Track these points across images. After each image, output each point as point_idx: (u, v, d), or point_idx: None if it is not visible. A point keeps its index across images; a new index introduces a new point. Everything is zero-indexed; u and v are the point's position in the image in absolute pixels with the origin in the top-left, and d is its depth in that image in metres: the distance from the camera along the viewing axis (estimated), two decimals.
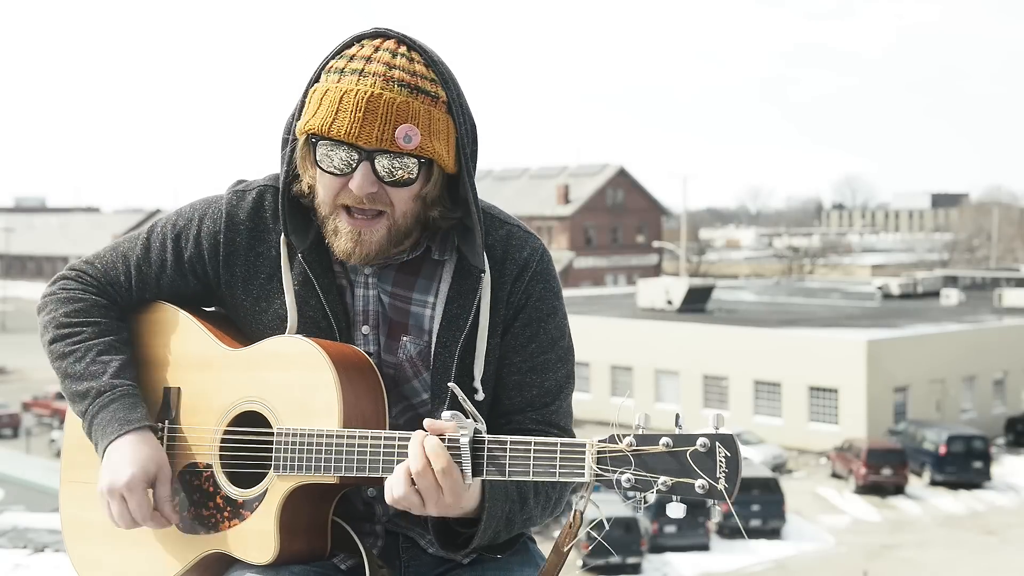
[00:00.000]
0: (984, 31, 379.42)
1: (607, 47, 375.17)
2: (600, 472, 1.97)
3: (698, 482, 1.93)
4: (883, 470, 38.14)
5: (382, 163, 2.16)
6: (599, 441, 1.99)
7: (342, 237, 2.23)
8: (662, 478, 1.94)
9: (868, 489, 38.19)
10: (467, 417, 2.07)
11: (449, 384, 2.13)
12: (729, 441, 1.94)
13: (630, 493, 1.96)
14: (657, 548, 31.83)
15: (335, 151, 2.17)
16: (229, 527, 2.27)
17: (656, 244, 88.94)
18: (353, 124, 2.14)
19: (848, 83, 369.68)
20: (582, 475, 1.99)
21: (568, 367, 2.39)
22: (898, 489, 38.49)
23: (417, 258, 2.34)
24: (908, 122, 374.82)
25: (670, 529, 32.04)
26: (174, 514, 2.28)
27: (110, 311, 2.42)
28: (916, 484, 39.38)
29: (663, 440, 1.95)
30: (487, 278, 2.29)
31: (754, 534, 33.31)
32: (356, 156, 2.16)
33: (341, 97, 2.16)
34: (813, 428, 44.48)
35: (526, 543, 2.43)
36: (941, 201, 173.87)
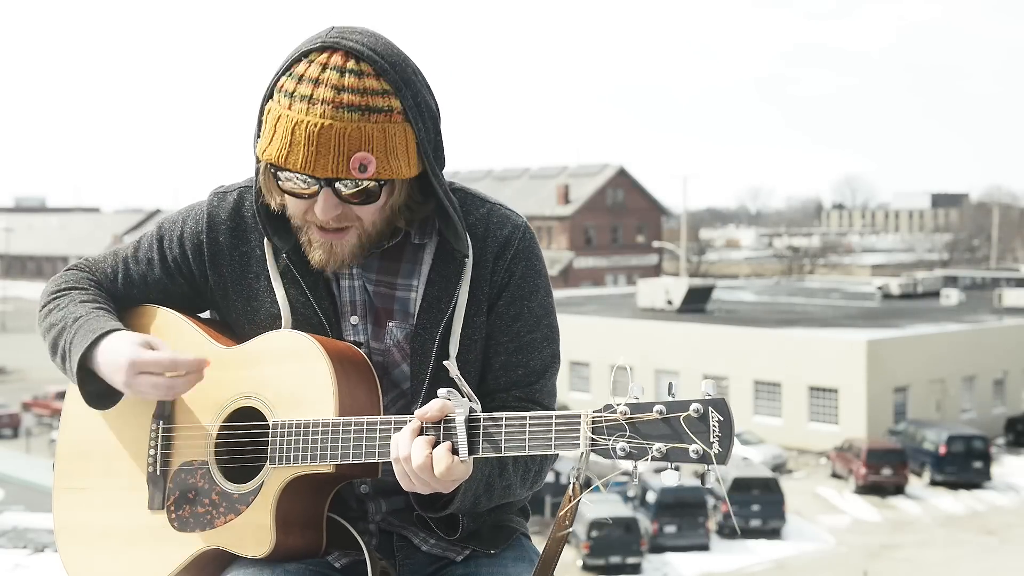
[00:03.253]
0: (984, 31, 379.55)
1: (607, 47, 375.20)
2: (595, 441, 1.98)
3: (692, 447, 1.94)
4: (883, 470, 38.13)
5: (342, 187, 2.17)
6: (593, 412, 2.00)
7: (315, 248, 2.26)
8: (656, 444, 1.95)
9: (868, 489, 38.19)
10: (462, 396, 2.07)
11: (445, 363, 2.14)
12: (722, 405, 1.96)
13: (625, 461, 1.97)
14: (657, 548, 31.82)
15: (295, 179, 2.18)
16: (225, 522, 2.26)
17: (656, 244, 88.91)
18: (308, 157, 2.13)
19: (848, 83, 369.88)
20: (577, 445, 2.00)
21: (553, 346, 2.39)
22: (898, 489, 38.48)
23: (398, 244, 2.35)
24: (908, 122, 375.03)
25: (670, 529, 32.05)
26: (193, 355, 2.25)
27: (101, 288, 2.47)
28: (916, 484, 39.37)
29: (656, 407, 1.97)
30: (471, 262, 2.30)
31: (754, 534, 33.31)
32: (316, 185, 2.17)
33: (293, 129, 2.14)
34: (813, 428, 44.46)
35: (520, 538, 2.44)
36: (941, 201, 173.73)
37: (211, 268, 2.40)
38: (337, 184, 2.16)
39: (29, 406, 50.98)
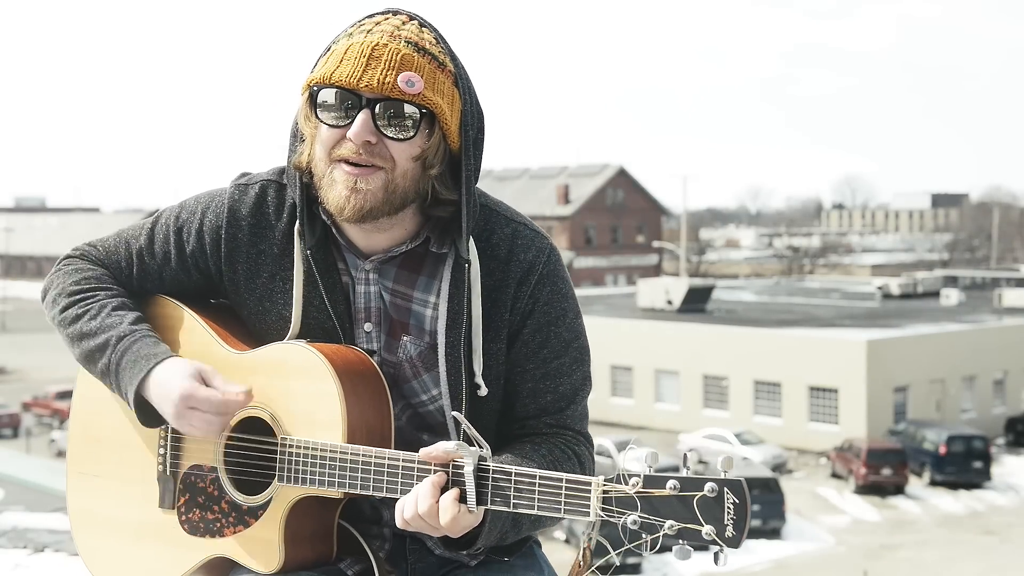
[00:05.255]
0: (985, 31, 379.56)
1: (608, 47, 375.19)
2: (605, 512, 1.93)
3: (705, 529, 1.89)
4: (883, 470, 38.12)
5: (382, 112, 2.11)
6: (605, 480, 1.94)
7: (337, 186, 2.15)
8: (668, 522, 1.89)
9: (868, 489, 38.17)
10: (471, 443, 2.03)
11: (453, 413, 2.09)
12: (738, 487, 1.89)
13: (635, 536, 1.92)
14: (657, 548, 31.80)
15: (336, 101, 2.13)
16: (234, 533, 2.26)
17: (656, 244, 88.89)
18: (356, 69, 2.10)
19: (848, 83, 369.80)
20: (587, 514, 1.94)
21: (584, 369, 2.34)
22: (898, 489, 38.47)
23: (418, 253, 2.28)
24: (908, 122, 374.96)
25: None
26: (243, 390, 2.19)
27: (117, 283, 2.40)
28: (916, 484, 39.35)
29: (670, 483, 1.90)
30: (475, 269, 2.22)
31: (754, 534, 33.31)
32: (357, 105, 2.12)
33: (347, 49, 2.13)
34: (813, 428, 44.45)
35: (532, 547, 2.42)
36: (941, 201, 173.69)
37: (226, 264, 2.34)
38: (378, 108, 2.11)
39: (29, 406, 50.96)
